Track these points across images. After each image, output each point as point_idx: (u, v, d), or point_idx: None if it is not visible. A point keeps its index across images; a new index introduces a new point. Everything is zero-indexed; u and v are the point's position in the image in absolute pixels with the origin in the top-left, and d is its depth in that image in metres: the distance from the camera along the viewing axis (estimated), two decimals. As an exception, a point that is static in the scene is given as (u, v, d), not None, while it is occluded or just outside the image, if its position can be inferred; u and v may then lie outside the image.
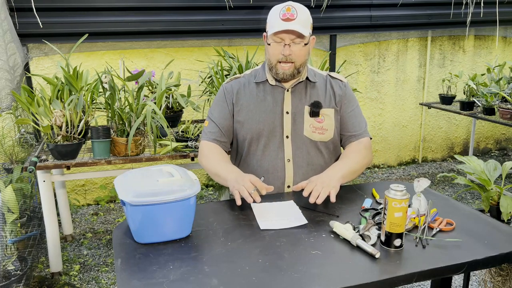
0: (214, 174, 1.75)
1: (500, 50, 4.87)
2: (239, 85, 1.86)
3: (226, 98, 1.86)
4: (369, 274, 1.16)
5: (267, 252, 1.27)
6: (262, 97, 1.82)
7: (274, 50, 1.72)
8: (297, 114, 1.80)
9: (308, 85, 1.84)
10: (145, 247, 1.31)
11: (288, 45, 1.69)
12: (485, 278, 1.96)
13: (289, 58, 1.71)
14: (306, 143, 1.80)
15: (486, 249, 1.28)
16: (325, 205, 1.59)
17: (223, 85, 1.90)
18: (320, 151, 1.83)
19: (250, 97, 1.83)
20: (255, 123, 1.80)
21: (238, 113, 1.83)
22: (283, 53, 1.70)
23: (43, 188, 2.56)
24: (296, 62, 1.73)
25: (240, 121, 1.83)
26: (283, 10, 1.68)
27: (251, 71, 1.91)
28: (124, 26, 3.44)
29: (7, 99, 3.00)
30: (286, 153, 1.79)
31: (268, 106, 1.81)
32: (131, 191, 1.29)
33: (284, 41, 1.69)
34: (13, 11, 3.12)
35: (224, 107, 1.85)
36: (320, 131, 1.81)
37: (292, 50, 1.70)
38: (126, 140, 2.53)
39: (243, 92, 1.84)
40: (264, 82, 1.84)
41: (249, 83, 1.86)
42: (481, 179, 2.52)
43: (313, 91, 1.83)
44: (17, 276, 2.28)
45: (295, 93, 1.82)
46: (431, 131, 4.86)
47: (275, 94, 1.82)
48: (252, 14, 3.72)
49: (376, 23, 4.14)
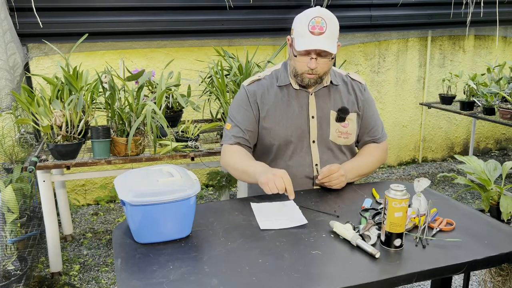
0: (242, 172, 1.73)
1: (500, 50, 4.87)
2: (262, 89, 1.81)
3: (250, 101, 1.79)
4: (369, 274, 1.16)
5: (267, 252, 1.27)
6: (287, 102, 1.79)
7: (301, 63, 1.69)
8: (323, 118, 1.79)
9: (332, 88, 1.82)
10: (145, 247, 1.31)
11: (315, 58, 1.66)
12: (485, 278, 1.96)
13: (315, 71, 1.69)
14: (332, 147, 1.81)
15: (486, 249, 1.28)
16: (325, 205, 1.59)
17: (245, 87, 1.83)
18: (344, 154, 1.85)
19: (275, 102, 1.79)
20: (282, 129, 1.78)
21: (264, 119, 1.79)
22: (309, 66, 1.67)
23: (43, 188, 2.56)
24: (320, 74, 1.71)
25: (267, 128, 1.79)
26: (312, 22, 1.63)
27: (271, 72, 1.86)
28: (124, 26, 3.44)
29: (7, 99, 3.00)
30: (314, 158, 1.79)
31: (294, 111, 1.78)
32: (131, 191, 1.29)
33: (310, 55, 1.66)
34: (13, 11, 3.12)
35: (248, 111, 1.80)
36: (345, 135, 1.82)
37: (318, 63, 1.67)
38: (126, 140, 2.53)
39: (267, 97, 1.79)
40: (287, 85, 1.80)
41: (272, 85, 1.81)
42: (481, 179, 2.52)
43: (336, 95, 1.82)
44: (17, 276, 2.28)
45: (319, 97, 1.80)
46: (431, 131, 4.86)
47: (299, 98, 1.79)
48: (252, 14, 3.72)
49: (376, 23, 4.14)
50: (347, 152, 1.86)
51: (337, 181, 1.68)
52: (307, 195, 1.69)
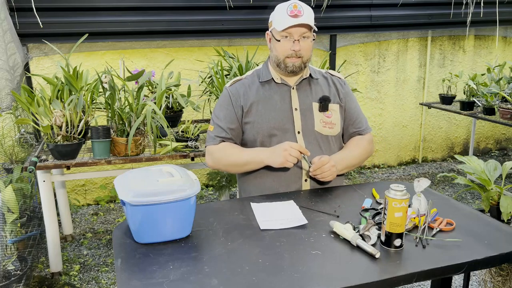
0: (243, 164, 1.78)
1: (500, 50, 4.87)
2: (243, 87, 1.86)
3: (232, 101, 1.83)
4: (369, 274, 1.16)
5: (267, 252, 1.27)
6: (269, 96, 1.83)
7: (283, 46, 1.74)
8: (306, 110, 1.82)
9: (311, 82, 1.87)
10: (145, 247, 1.31)
11: (298, 40, 1.72)
12: (485, 278, 1.96)
13: (298, 54, 1.74)
14: (318, 138, 1.82)
15: (486, 249, 1.28)
16: (325, 205, 1.59)
17: (227, 88, 1.87)
18: (331, 145, 1.85)
19: (257, 97, 1.83)
20: (265, 122, 1.80)
21: (246, 114, 1.82)
22: (293, 48, 1.73)
23: (43, 188, 2.56)
24: (304, 57, 1.77)
25: (250, 122, 1.82)
26: (290, 7, 1.71)
27: (253, 72, 1.92)
28: (124, 26, 3.44)
29: (7, 99, 3.00)
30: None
31: (276, 104, 1.82)
32: (131, 191, 1.29)
33: (293, 37, 1.72)
34: (13, 11, 3.12)
35: (230, 110, 1.83)
36: (329, 125, 1.84)
37: (301, 46, 1.73)
38: (126, 140, 2.53)
39: (249, 93, 1.84)
40: (269, 81, 1.85)
41: (253, 83, 1.86)
42: (481, 179, 2.52)
43: (317, 87, 1.86)
44: (17, 276, 2.28)
45: (301, 90, 1.84)
46: (431, 131, 4.86)
47: (281, 92, 1.83)
48: (252, 14, 3.72)
49: (376, 23, 4.14)
50: (334, 144, 1.87)
51: (328, 172, 1.69)
52: (307, 195, 1.70)
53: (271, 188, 1.78)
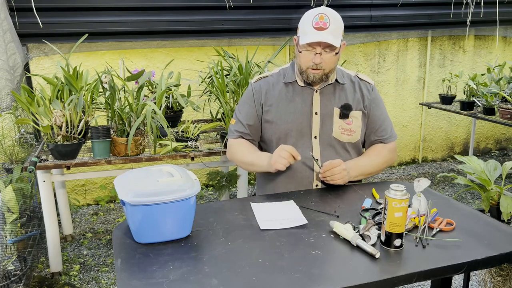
0: (249, 164, 1.83)
1: (500, 50, 4.87)
2: (267, 85, 1.86)
3: (254, 97, 1.85)
4: (369, 274, 1.16)
5: (267, 252, 1.27)
6: (291, 98, 1.82)
7: (306, 58, 1.72)
8: (326, 115, 1.81)
9: (337, 87, 1.84)
10: (145, 247, 1.31)
11: (319, 53, 1.69)
12: (485, 278, 1.96)
13: (319, 66, 1.72)
14: (334, 144, 1.81)
15: (486, 249, 1.28)
16: (325, 205, 1.59)
17: (252, 84, 1.89)
18: (348, 151, 1.84)
19: (279, 97, 1.83)
20: (283, 123, 1.80)
21: (266, 113, 1.83)
22: (314, 61, 1.70)
23: (43, 188, 2.56)
24: (326, 69, 1.74)
25: (269, 121, 1.83)
26: (316, 18, 1.67)
27: (280, 70, 1.91)
28: (124, 26, 3.44)
29: (7, 99, 3.00)
30: (314, 153, 1.79)
31: (297, 107, 1.81)
32: (131, 191, 1.29)
33: (315, 50, 1.70)
34: (13, 11, 3.12)
35: (252, 106, 1.85)
36: (348, 132, 1.82)
37: (322, 59, 1.70)
38: (126, 140, 2.53)
39: (272, 92, 1.84)
40: (293, 82, 1.84)
41: (278, 82, 1.86)
42: (481, 179, 2.52)
43: (341, 93, 1.83)
44: (17, 276, 2.28)
45: (324, 94, 1.82)
46: (431, 131, 4.86)
47: (304, 95, 1.82)
48: (252, 14, 3.72)
49: (376, 23, 4.14)
50: (351, 151, 1.85)
51: (339, 175, 1.68)
52: (307, 195, 1.69)
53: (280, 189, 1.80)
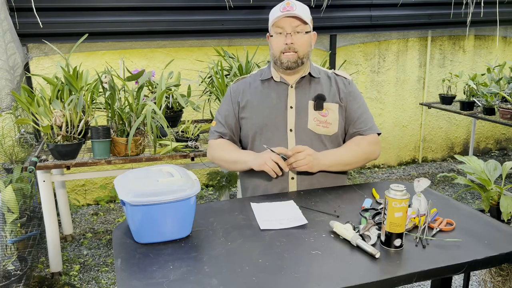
0: (232, 162, 1.85)
1: (500, 50, 4.87)
2: (245, 85, 1.92)
3: (231, 97, 1.92)
4: (369, 274, 1.16)
5: (267, 252, 1.27)
6: (267, 94, 1.86)
7: (277, 42, 1.76)
8: (301, 108, 1.82)
9: (312, 80, 1.86)
10: (145, 247, 1.31)
11: (290, 34, 1.74)
12: (485, 278, 1.96)
13: (292, 47, 1.74)
14: (310, 136, 1.81)
15: (486, 249, 1.28)
16: (325, 205, 1.59)
17: (231, 86, 1.96)
18: (324, 144, 1.83)
19: (254, 94, 1.87)
20: (258, 118, 1.84)
21: (242, 110, 1.88)
22: (286, 42, 1.74)
23: (43, 188, 2.56)
24: (299, 52, 1.76)
25: (245, 117, 1.87)
26: (283, 5, 1.76)
27: (258, 71, 1.96)
28: (124, 26, 3.44)
29: (7, 99, 3.00)
30: (290, 146, 1.79)
31: (272, 102, 1.84)
32: (131, 191, 1.29)
33: (285, 30, 1.74)
34: (13, 11, 3.12)
35: (229, 106, 1.91)
36: (324, 124, 1.82)
37: (293, 39, 1.74)
38: (126, 140, 2.53)
39: (248, 90, 1.89)
40: (269, 79, 1.87)
41: (255, 81, 1.91)
42: (481, 179, 2.52)
43: (317, 86, 1.86)
44: (17, 276, 2.28)
45: (299, 89, 1.84)
46: (431, 131, 4.86)
47: (279, 90, 1.85)
48: (252, 14, 3.72)
49: (376, 23, 4.14)
50: (328, 144, 1.83)
51: (303, 160, 1.67)
52: (307, 195, 1.69)
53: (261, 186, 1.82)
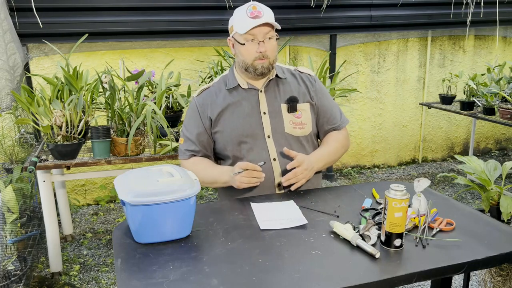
0: (211, 182, 1.78)
1: (500, 50, 4.87)
2: (211, 96, 1.83)
3: (199, 112, 1.82)
4: (369, 274, 1.16)
5: (267, 252, 1.27)
6: (237, 103, 1.80)
7: (250, 50, 1.73)
8: (274, 112, 1.80)
9: (279, 82, 1.85)
10: (145, 247, 1.31)
11: (263, 41, 1.72)
12: (485, 278, 1.96)
13: (265, 55, 1.72)
14: (289, 139, 1.80)
15: (486, 249, 1.28)
16: (325, 205, 1.59)
17: (194, 99, 1.86)
18: (303, 145, 1.83)
19: (224, 105, 1.80)
20: (234, 129, 1.78)
21: (215, 124, 1.81)
22: (259, 50, 1.71)
23: (43, 188, 2.56)
24: (270, 58, 1.75)
25: (219, 131, 1.81)
26: (249, 9, 1.71)
27: (220, 78, 1.89)
28: (124, 26, 3.44)
29: (7, 99, 3.00)
30: (271, 153, 1.78)
31: (244, 110, 1.79)
32: (131, 191, 1.29)
33: (257, 38, 1.71)
34: (13, 11, 3.12)
35: (198, 121, 1.82)
36: (300, 126, 1.82)
37: (266, 47, 1.72)
38: (126, 140, 2.53)
39: (217, 101, 1.81)
40: (236, 87, 1.82)
41: (220, 90, 1.84)
42: (481, 179, 2.52)
43: (285, 88, 1.84)
44: (17, 276, 2.28)
45: (269, 93, 1.82)
46: (431, 131, 4.86)
47: (249, 97, 1.81)
48: (252, 14, 3.72)
49: (376, 23, 4.14)
50: (306, 145, 1.84)
51: (302, 175, 1.68)
52: (307, 195, 1.70)
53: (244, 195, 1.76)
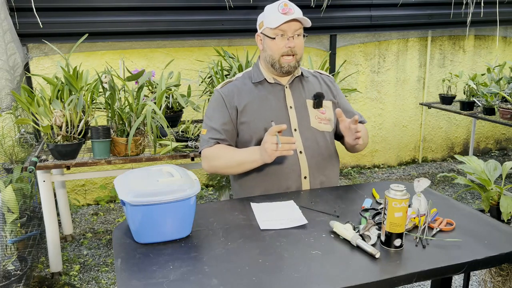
0: (238, 164, 1.74)
1: (500, 50, 4.87)
2: (236, 88, 1.84)
3: (225, 102, 1.81)
4: (369, 274, 1.16)
5: (267, 252, 1.27)
6: (264, 96, 1.83)
7: (278, 44, 1.76)
8: (300, 107, 1.84)
9: (303, 80, 1.90)
10: (145, 247, 1.31)
11: (292, 37, 1.74)
12: (485, 278, 1.96)
13: (293, 51, 1.76)
14: (315, 133, 1.82)
15: (486, 249, 1.28)
16: (325, 205, 1.59)
17: (219, 91, 1.85)
18: (327, 140, 1.86)
19: (251, 97, 1.82)
20: (261, 121, 1.79)
21: (241, 114, 1.80)
22: (288, 45, 1.74)
23: (43, 188, 2.56)
24: (297, 55, 1.79)
25: (245, 122, 1.81)
26: (281, 6, 1.75)
27: (243, 74, 1.92)
28: (124, 26, 3.44)
29: (7, 99, 3.00)
30: (297, 146, 1.79)
31: (271, 104, 1.82)
32: (131, 191, 1.29)
33: (287, 34, 1.74)
34: (13, 11, 3.12)
35: (224, 111, 1.81)
36: (325, 121, 1.86)
37: (295, 43, 1.75)
38: (126, 140, 2.53)
39: (243, 94, 1.83)
40: (262, 81, 1.86)
41: (245, 84, 1.86)
42: (481, 179, 2.52)
43: (309, 86, 1.89)
44: (17, 276, 2.28)
45: (293, 89, 1.86)
46: (431, 131, 4.86)
47: (275, 91, 1.85)
48: (252, 14, 3.72)
49: (376, 23, 4.14)
50: (330, 140, 1.87)
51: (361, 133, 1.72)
52: (307, 195, 1.70)
53: (271, 189, 1.77)
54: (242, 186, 1.87)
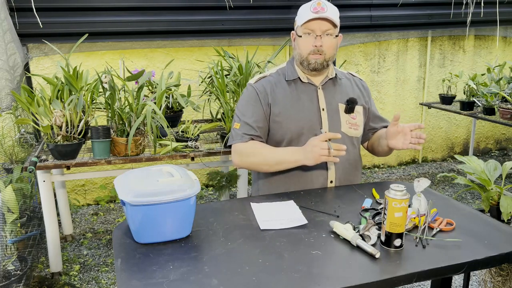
0: (277, 163, 1.73)
1: (500, 50, 4.87)
2: (270, 84, 1.82)
3: (260, 97, 1.79)
4: (369, 274, 1.16)
5: (267, 252, 1.27)
6: (297, 96, 1.81)
7: (306, 42, 1.73)
8: (332, 111, 1.82)
9: (336, 82, 1.86)
10: (145, 247, 1.31)
11: (320, 36, 1.71)
12: (485, 278, 1.96)
13: (320, 50, 1.72)
14: (344, 138, 1.80)
15: (486, 249, 1.28)
16: (325, 205, 1.59)
17: (253, 85, 1.83)
18: (355, 146, 1.86)
19: (284, 96, 1.80)
20: (294, 122, 1.78)
21: (274, 113, 1.79)
22: (315, 44, 1.71)
23: (43, 188, 2.56)
24: (326, 55, 1.75)
25: (278, 121, 1.79)
26: (313, 5, 1.71)
27: (277, 70, 1.89)
28: (124, 26, 3.44)
29: (7, 99, 3.00)
30: None
31: (304, 104, 1.80)
32: (131, 191, 1.29)
33: (315, 32, 1.71)
34: (13, 11, 3.12)
35: (258, 107, 1.79)
36: (355, 127, 1.84)
37: (323, 42, 1.72)
38: (126, 140, 2.53)
39: (277, 91, 1.81)
40: (295, 80, 1.83)
41: (279, 81, 1.84)
42: (481, 179, 2.52)
43: (342, 89, 1.86)
44: (17, 276, 2.28)
45: (326, 90, 1.83)
46: (431, 131, 4.86)
47: (308, 91, 1.82)
48: (252, 14, 3.72)
49: (376, 23, 4.14)
50: (356, 145, 1.87)
51: None
52: (307, 195, 1.69)
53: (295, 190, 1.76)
54: (266, 184, 1.85)
